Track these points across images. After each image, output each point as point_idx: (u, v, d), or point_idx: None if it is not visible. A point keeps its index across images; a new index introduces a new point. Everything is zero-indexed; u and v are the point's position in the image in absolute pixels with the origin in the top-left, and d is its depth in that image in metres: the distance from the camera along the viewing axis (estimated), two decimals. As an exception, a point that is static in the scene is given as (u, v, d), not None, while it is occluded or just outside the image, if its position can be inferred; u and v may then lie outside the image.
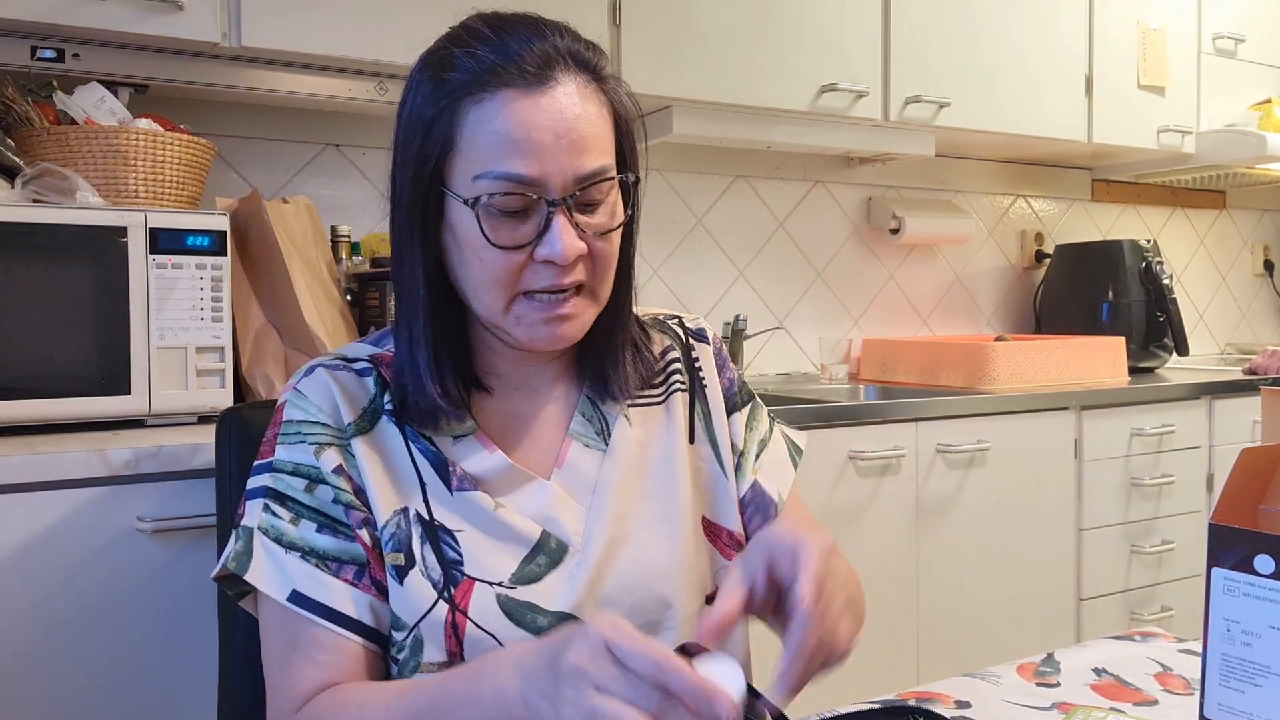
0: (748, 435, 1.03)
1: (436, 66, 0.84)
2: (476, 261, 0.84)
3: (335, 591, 0.83)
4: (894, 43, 2.40)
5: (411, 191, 0.84)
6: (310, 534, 0.84)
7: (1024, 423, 2.25)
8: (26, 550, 1.29)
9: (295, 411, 0.88)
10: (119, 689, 1.33)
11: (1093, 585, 2.39)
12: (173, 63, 1.72)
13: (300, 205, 1.80)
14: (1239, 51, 3.09)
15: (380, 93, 1.87)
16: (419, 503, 0.87)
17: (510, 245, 0.82)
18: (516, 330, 0.86)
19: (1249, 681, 0.71)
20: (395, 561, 0.85)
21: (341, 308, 1.79)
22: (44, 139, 1.58)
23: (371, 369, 0.91)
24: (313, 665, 0.82)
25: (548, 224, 0.82)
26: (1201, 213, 3.63)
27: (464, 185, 0.82)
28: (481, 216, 0.82)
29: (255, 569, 0.84)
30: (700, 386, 1.01)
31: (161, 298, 1.50)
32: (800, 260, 2.75)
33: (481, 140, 0.81)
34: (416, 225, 0.85)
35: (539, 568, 0.87)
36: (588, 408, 0.95)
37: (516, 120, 0.81)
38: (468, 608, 0.84)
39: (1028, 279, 3.19)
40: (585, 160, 0.83)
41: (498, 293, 0.84)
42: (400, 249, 0.87)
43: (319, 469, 0.85)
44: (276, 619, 0.84)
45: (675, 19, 2.10)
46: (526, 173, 0.81)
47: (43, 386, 1.43)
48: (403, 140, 0.85)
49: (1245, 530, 0.71)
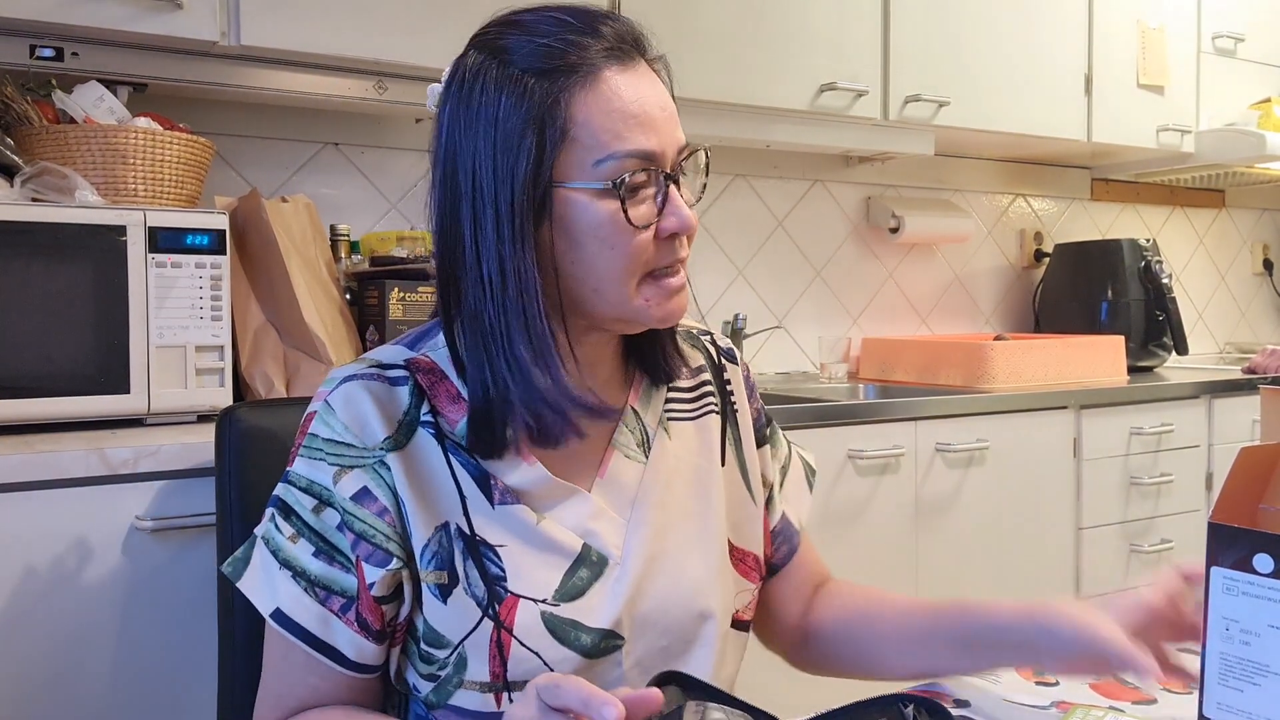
0: (773, 464, 1.04)
1: (510, 64, 0.80)
2: (608, 251, 0.80)
3: (316, 619, 0.82)
4: (893, 42, 2.40)
5: (523, 197, 0.78)
6: (305, 556, 0.82)
7: (1023, 422, 2.25)
8: (25, 549, 1.29)
9: (321, 427, 0.84)
10: (118, 689, 1.33)
11: (1092, 584, 2.39)
12: (172, 62, 1.72)
13: (299, 204, 1.80)
14: (1238, 51, 3.09)
15: (379, 92, 1.87)
16: (459, 517, 0.84)
17: (646, 224, 0.81)
18: (644, 313, 0.83)
19: (1248, 680, 0.71)
20: (439, 580, 0.83)
21: (341, 307, 1.79)
22: (43, 138, 1.58)
23: (407, 377, 0.85)
24: (302, 685, 0.83)
25: (666, 197, 0.81)
26: (1201, 212, 3.63)
27: (586, 174, 0.79)
28: (626, 199, 0.79)
29: (249, 578, 0.84)
30: (731, 410, 1.00)
31: (160, 297, 1.50)
32: (799, 259, 2.75)
33: (599, 122, 0.79)
34: (530, 230, 0.79)
35: (581, 581, 0.85)
36: (632, 419, 0.93)
37: (631, 96, 0.80)
38: (513, 625, 0.83)
39: (1027, 278, 3.19)
40: (680, 131, 0.84)
41: (629, 278, 0.81)
42: (503, 262, 0.79)
43: (331, 492, 0.83)
44: (275, 628, 0.85)
45: (674, 18, 2.09)
46: (651, 147, 0.80)
47: (41, 385, 1.42)
48: (498, 146, 0.79)
49: (1244, 529, 0.71)
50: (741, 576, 0.97)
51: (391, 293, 1.78)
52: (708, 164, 0.89)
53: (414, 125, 2.17)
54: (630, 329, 0.87)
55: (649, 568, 0.88)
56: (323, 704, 0.83)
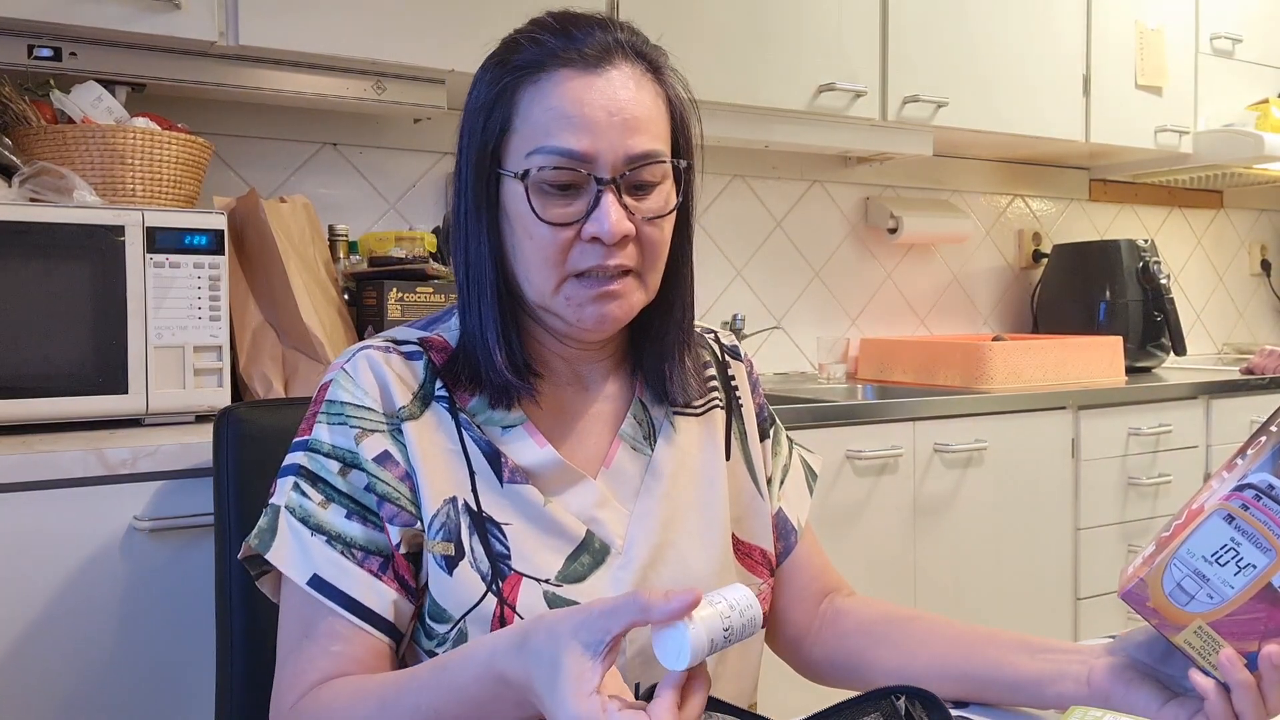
0: (774, 461, 1.04)
1: (501, 55, 0.87)
2: (527, 239, 0.84)
3: (358, 581, 0.81)
4: (892, 42, 2.40)
5: (474, 175, 0.86)
6: (339, 519, 0.83)
7: (1021, 422, 2.26)
8: (23, 550, 1.28)
9: (341, 392, 0.86)
10: (117, 689, 1.33)
11: (1090, 585, 2.39)
12: (170, 62, 1.72)
13: (298, 204, 1.80)
14: (1236, 51, 3.09)
15: (378, 92, 1.87)
16: (467, 492, 0.85)
17: (559, 221, 0.83)
18: (566, 311, 0.85)
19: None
20: (445, 551, 0.84)
21: (339, 307, 1.79)
22: (41, 138, 1.57)
23: (421, 353, 0.89)
24: (325, 655, 0.81)
25: (597, 201, 0.83)
26: (1199, 212, 3.64)
27: (517, 162, 0.84)
28: (531, 190, 0.83)
29: (278, 549, 0.82)
30: (736, 405, 1.02)
31: (159, 297, 1.50)
32: (798, 260, 2.75)
33: (536, 116, 0.83)
34: (483, 208, 0.86)
35: (582, 567, 0.86)
36: (639, 410, 0.94)
37: (570, 97, 0.83)
38: (516, 603, 0.83)
39: (1025, 279, 3.19)
40: (636, 140, 0.84)
41: (548, 272, 0.84)
42: (466, 232, 0.88)
43: (356, 454, 0.84)
44: (295, 603, 0.83)
45: (673, 18, 2.09)
46: (577, 147, 0.82)
47: (40, 385, 1.42)
48: (466, 127, 0.87)
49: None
50: (747, 571, 0.97)
51: (390, 293, 1.78)
52: (686, 176, 0.90)
53: (412, 125, 2.17)
54: (570, 331, 0.89)
55: (654, 558, 0.89)
56: (345, 673, 0.81)
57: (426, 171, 2.20)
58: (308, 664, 0.81)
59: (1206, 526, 0.69)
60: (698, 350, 1.00)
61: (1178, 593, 0.70)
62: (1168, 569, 0.70)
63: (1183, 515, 0.72)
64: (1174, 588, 0.70)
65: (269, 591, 0.88)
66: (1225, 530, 0.69)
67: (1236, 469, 0.70)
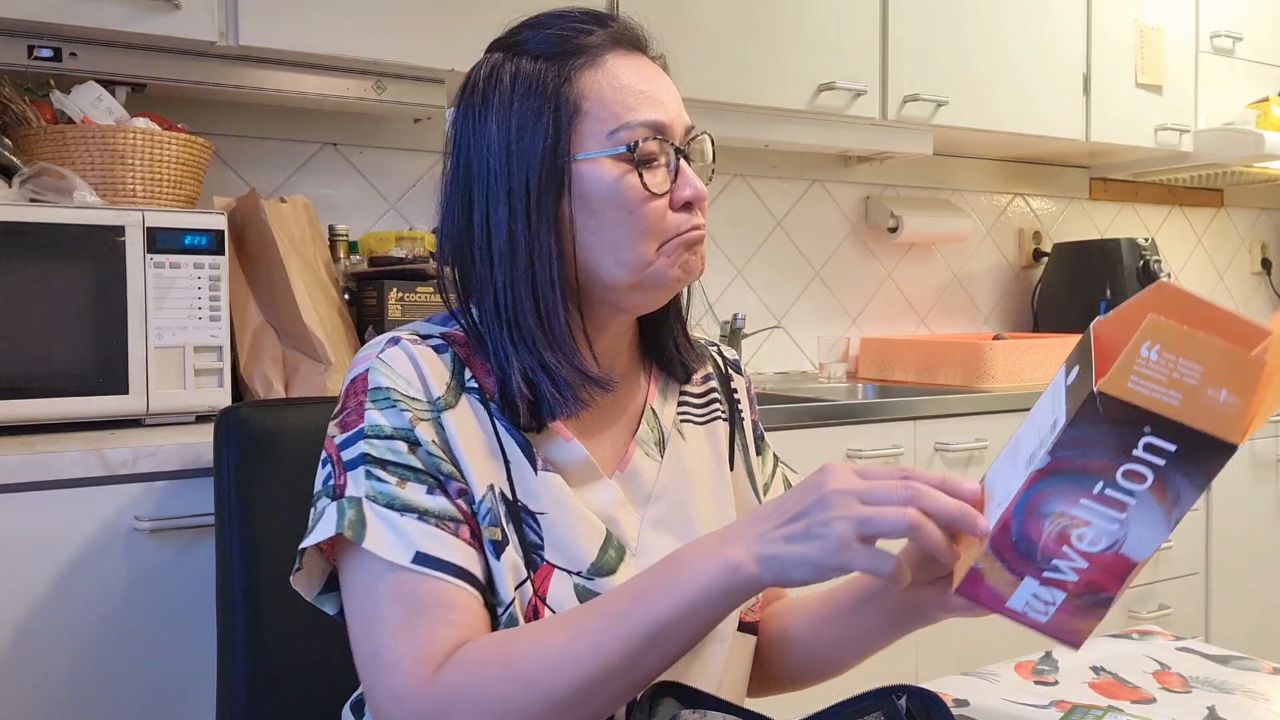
0: (759, 478, 1.05)
1: (526, 54, 0.87)
2: (626, 216, 0.84)
3: (458, 550, 0.81)
4: (892, 41, 2.40)
5: (541, 172, 0.84)
6: (421, 496, 0.82)
7: (1022, 421, 2.25)
8: (24, 550, 1.29)
9: (383, 379, 0.84)
10: (117, 689, 1.33)
11: (1091, 583, 2.39)
12: (170, 62, 1.72)
13: (298, 204, 1.80)
14: (1237, 50, 3.09)
15: (378, 92, 1.87)
16: (503, 481, 0.85)
17: (662, 191, 0.85)
18: (669, 272, 0.86)
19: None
20: (493, 536, 0.83)
21: (339, 307, 1.79)
22: (41, 138, 1.57)
23: (446, 346, 0.88)
24: (445, 624, 0.79)
25: (678, 169, 0.86)
26: (1199, 211, 3.64)
27: (602, 144, 0.84)
28: (640, 165, 0.84)
29: (372, 535, 0.80)
30: (739, 418, 1.03)
31: (159, 297, 1.50)
32: (798, 259, 2.75)
33: (611, 96, 0.85)
34: (550, 207, 0.84)
35: (610, 561, 0.87)
36: (650, 416, 0.95)
37: (637, 74, 0.86)
38: (546, 594, 0.84)
39: (1025, 278, 3.19)
40: (686, 115, 0.89)
41: (647, 244, 0.85)
42: (515, 238, 0.85)
43: (414, 433, 0.83)
44: (390, 586, 0.80)
45: (673, 17, 2.09)
46: (662, 118, 0.85)
47: (40, 386, 1.42)
48: (516, 128, 0.85)
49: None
50: None
51: (390, 293, 1.78)
52: (714, 152, 0.94)
53: (412, 125, 2.17)
54: (647, 299, 0.89)
55: None
56: (468, 639, 0.79)
57: (427, 171, 2.20)
58: (429, 635, 0.78)
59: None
60: (700, 351, 1.01)
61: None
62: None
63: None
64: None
65: (302, 589, 0.86)
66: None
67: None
